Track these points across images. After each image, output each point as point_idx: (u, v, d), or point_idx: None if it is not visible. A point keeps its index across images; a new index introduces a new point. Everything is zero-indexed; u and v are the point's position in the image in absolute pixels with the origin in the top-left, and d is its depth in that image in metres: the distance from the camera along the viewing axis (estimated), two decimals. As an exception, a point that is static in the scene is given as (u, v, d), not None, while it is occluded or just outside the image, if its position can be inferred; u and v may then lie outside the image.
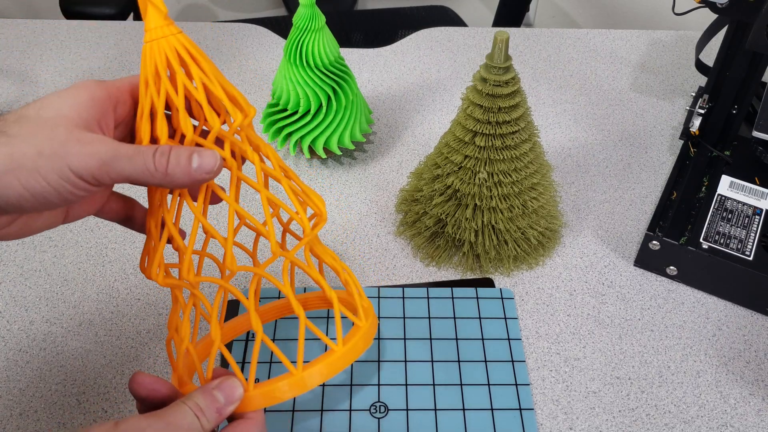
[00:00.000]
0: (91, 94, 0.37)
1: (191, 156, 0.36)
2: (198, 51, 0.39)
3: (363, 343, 0.43)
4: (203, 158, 0.37)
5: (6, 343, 0.58)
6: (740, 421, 0.54)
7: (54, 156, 0.34)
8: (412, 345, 0.58)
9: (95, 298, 0.62)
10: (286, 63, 0.69)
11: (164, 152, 0.36)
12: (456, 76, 0.90)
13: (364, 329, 0.44)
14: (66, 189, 0.35)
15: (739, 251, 0.61)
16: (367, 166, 0.76)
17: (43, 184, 0.34)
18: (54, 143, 0.34)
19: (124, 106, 0.40)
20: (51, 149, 0.34)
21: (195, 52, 0.38)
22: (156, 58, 0.37)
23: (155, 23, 0.37)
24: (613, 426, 0.54)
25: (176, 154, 0.36)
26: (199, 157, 0.37)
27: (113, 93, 0.39)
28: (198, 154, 0.37)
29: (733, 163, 0.70)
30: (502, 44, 0.55)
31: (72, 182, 0.34)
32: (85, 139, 0.35)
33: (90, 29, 0.98)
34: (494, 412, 0.53)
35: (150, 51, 0.37)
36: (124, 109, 0.40)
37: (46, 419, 0.53)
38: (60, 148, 0.34)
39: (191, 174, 0.36)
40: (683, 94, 0.88)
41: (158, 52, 0.37)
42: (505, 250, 0.63)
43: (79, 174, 0.34)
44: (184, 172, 0.36)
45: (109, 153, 0.35)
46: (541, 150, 0.63)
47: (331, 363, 0.41)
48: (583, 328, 0.61)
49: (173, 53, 0.38)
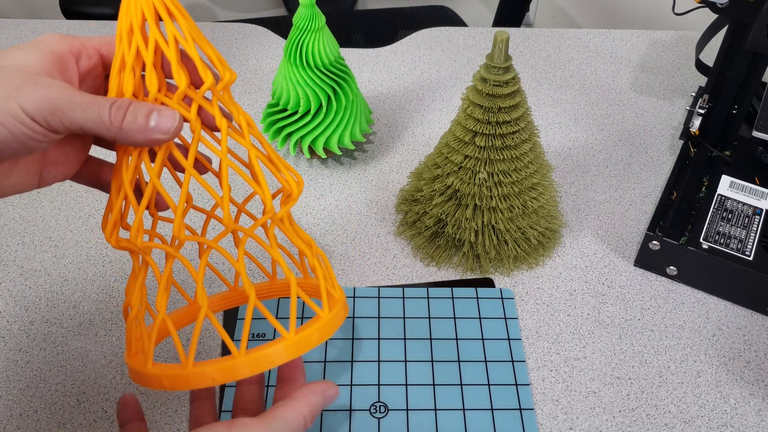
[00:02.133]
0: (52, 46, 0.37)
1: (150, 114, 0.35)
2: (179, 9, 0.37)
3: (319, 335, 0.39)
4: (162, 117, 0.35)
5: (6, 343, 0.58)
6: (740, 421, 0.54)
7: (7, 97, 0.33)
8: (412, 345, 0.58)
9: (95, 298, 0.62)
10: (286, 63, 0.69)
11: (121, 106, 0.35)
12: (456, 76, 0.90)
13: (324, 320, 0.40)
14: (21, 131, 0.33)
15: (739, 251, 0.61)
16: (367, 166, 0.76)
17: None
18: (9, 86, 0.33)
19: (88, 60, 0.39)
20: (5, 91, 0.33)
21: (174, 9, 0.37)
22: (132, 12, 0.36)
23: None
24: (613, 426, 0.54)
25: (134, 110, 0.35)
26: (158, 116, 0.35)
27: (76, 46, 0.38)
28: (158, 112, 0.35)
29: (733, 163, 0.70)
30: (502, 44, 0.55)
31: (26, 124, 0.33)
32: (41, 82, 0.34)
33: (90, 29, 0.98)
34: (494, 412, 0.53)
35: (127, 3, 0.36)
36: (88, 63, 0.38)
37: (46, 419, 0.53)
38: (14, 91, 0.33)
39: (147, 132, 0.35)
40: (683, 94, 0.88)
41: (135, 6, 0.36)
42: (505, 250, 0.63)
43: (32, 115, 0.33)
44: (140, 129, 0.35)
45: (63, 98, 0.34)
46: (541, 150, 0.63)
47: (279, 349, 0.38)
48: (583, 328, 0.61)
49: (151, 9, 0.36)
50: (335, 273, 0.64)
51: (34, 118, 0.33)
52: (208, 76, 0.37)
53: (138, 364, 0.39)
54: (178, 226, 0.37)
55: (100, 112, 0.34)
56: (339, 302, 0.42)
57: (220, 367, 0.37)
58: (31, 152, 0.35)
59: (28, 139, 0.34)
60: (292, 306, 0.39)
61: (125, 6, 0.36)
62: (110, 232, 0.38)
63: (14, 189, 0.38)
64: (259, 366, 0.37)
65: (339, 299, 0.42)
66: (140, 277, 0.39)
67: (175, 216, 0.37)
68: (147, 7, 0.36)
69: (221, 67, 0.38)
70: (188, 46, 0.37)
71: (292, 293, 0.39)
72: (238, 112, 0.40)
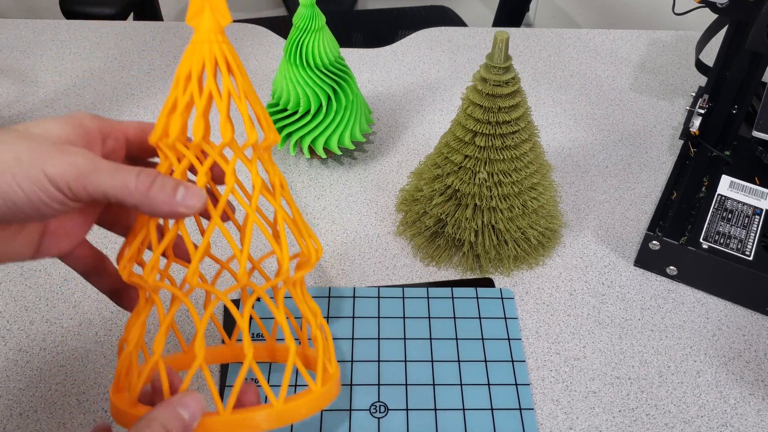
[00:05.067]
0: (83, 121, 0.37)
1: (177, 188, 0.35)
2: (238, 64, 0.38)
3: (307, 408, 0.38)
4: (189, 193, 0.35)
5: (6, 343, 0.58)
6: (740, 421, 0.54)
7: (32, 162, 0.33)
8: (412, 345, 0.58)
9: (95, 297, 0.62)
10: (286, 63, 0.69)
11: (149, 174, 0.35)
12: (456, 76, 0.90)
13: (316, 394, 0.39)
14: (39, 197, 0.33)
15: (739, 251, 0.61)
16: (367, 166, 0.76)
17: (15, 189, 0.33)
18: (35, 153, 0.33)
19: (115, 142, 0.39)
20: (30, 157, 0.33)
21: (233, 64, 0.38)
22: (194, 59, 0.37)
23: (208, 27, 0.37)
24: (613, 426, 0.54)
25: (161, 181, 0.35)
26: (185, 191, 0.35)
27: (105, 127, 0.38)
28: (185, 187, 0.35)
29: (733, 163, 0.70)
30: (502, 44, 0.55)
31: (46, 190, 0.33)
32: (67, 150, 0.34)
33: (90, 29, 0.98)
34: (494, 412, 0.53)
35: (191, 51, 0.37)
36: (114, 145, 0.39)
37: (46, 419, 0.53)
38: (40, 157, 0.33)
39: (172, 205, 0.35)
40: (683, 94, 0.88)
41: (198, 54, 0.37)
42: (505, 250, 0.63)
43: (55, 182, 0.33)
44: (166, 200, 0.35)
45: (90, 164, 0.34)
46: (541, 150, 0.63)
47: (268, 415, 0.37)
48: (583, 327, 0.61)
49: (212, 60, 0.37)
50: (336, 273, 0.65)
51: (57, 185, 0.33)
52: (253, 134, 0.38)
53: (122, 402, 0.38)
54: (193, 272, 0.37)
55: (127, 179, 0.34)
56: (333, 378, 0.41)
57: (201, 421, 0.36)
58: (43, 219, 0.35)
59: (44, 205, 0.34)
60: (287, 374, 0.38)
61: (189, 52, 0.37)
62: (124, 266, 0.38)
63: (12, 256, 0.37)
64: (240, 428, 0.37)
65: (333, 375, 0.41)
66: (143, 314, 0.39)
67: (192, 262, 0.37)
68: (209, 57, 0.37)
69: (267, 126, 0.39)
70: (240, 103, 0.38)
71: (289, 361, 0.38)
72: (274, 173, 0.40)
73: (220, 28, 0.38)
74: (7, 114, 0.82)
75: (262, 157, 0.40)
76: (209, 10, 0.37)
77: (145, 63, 0.91)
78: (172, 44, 0.95)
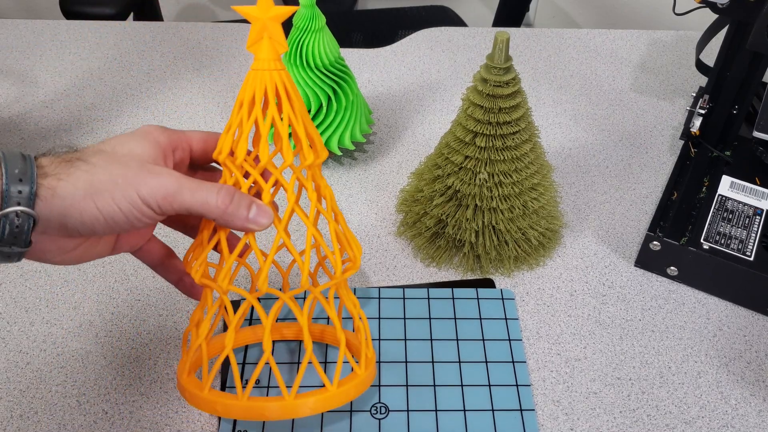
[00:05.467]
0: (156, 138, 0.43)
1: (251, 206, 0.41)
2: (295, 91, 0.43)
3: (355, 390, 0.45)
4: (260, 212, 0.42)
5: (6, 345, 0.58)
6: (741, 421, 0.54)
7: (127, 185, 0.38)
8: (413, 346, 0.58)
9: (95, 299, 0.62)
10: (286, 63, 0.69)
11: (228, 192, 0.41)
12: (456, 76, 0.90)
13: (361, 378, 0.46)
14: (134, 214, 0.39)
15: (739, 251, 0.61)
16: (367, 167, 0.76)
17: (115, 209, 0.38)
18: (128, 175, 0.39)
19: (182, 152, 0.45)
20: (125, 179, 0.39)
21: (291, 90, 0.43)
22: (256, 85, 0.42)
23: (267, 55, 0.42)
24: (614, 427, 0.53)
25: (238, 199, 0.41)
26: (257, 209, 0.41)
27: (174, 139, 0.44)
28: (257, 206, 0.42)
29: (734, 163, 0.70)
30: (502, 45, 0.55)
31: (139, 208, 0.39)
32: (154, 170, 0.40)
33: (90, 29, 0.98)
34: (495, 413, 0.53)
35: (253, 77, 0.42)
36: (181, 155, 0.45)
37: (46, 420, 0.53)
38: (133, 178, 0.39)
39: (245, 222, 0.41)
40: (683, 94, 0.88)
41: (260, 81, 0.42)
42: (505, 251, 0.63)
43: (147, 201, 0.39)
44: (241, 217, 0.41)
45: (175, 184, 0.39)
46: (542, 150, 0.63)
47: (322, 399, 0.44)
48: (583, 328, 0.61)
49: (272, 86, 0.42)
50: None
51: (149, 204, 0.39)
52: (310, 155, 0.44)
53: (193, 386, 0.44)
54: (263, 279, 0.42)
55: (208, 197, 0.40)
56: (372, 362, 0.48)
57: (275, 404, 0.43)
58: (134, 230, 0.41)
59: (137, 220, 0.40)
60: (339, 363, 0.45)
61: (251, 78, 0.42)
62: (196, 269, 0.43)
63: (95, 256, 0.43)
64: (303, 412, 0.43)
65: (371, 359, 0.49)
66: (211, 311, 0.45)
67: (261, 270, 0.42)
68: (270, 84, 0.42)
69: (319, 145, 0.45)
70: (298, 126, 0.43)
71: (341, 353, 0.45)
72: (325, 187, 0.46)
73: (278, 56, 0.42)
74: (7, 114, 0.82)
75: (315, 173, 0.46)
76: (267, 39, 0.42)
77: (144, 63, 0.91)
78: (172, 45, 0.95)
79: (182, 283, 0.49)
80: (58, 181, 0.38)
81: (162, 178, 0.39)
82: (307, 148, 0.44)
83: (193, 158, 0.46)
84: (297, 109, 0.43)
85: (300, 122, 0.43)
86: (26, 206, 0.37)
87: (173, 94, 0.86)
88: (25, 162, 0.37)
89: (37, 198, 0.37)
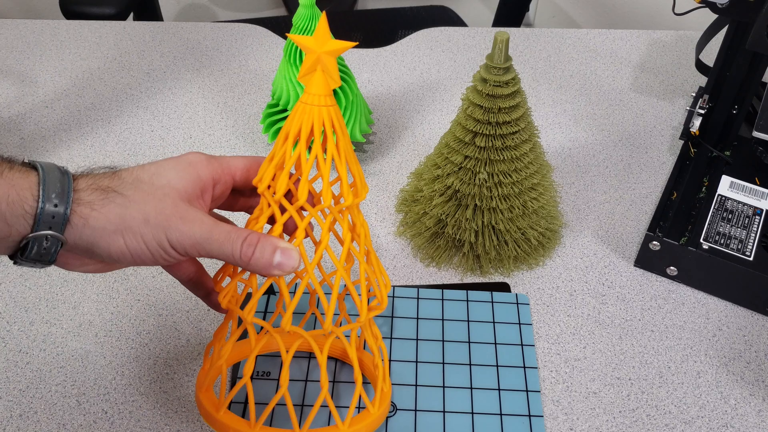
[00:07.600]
0: (199, 172, 0.43)
1: (275, 251, 0.40)
2: (342, 127, 0.42)
3: (367, 430, 0.45)
4: (285, 256, 0.40)
5: (6, 344, 0.58)
6: (741, 421, 0.54)
7: (158, 227, 0.39)
8: (424, 346, 0.58)
9: (95, 298, 0.62)
10: (286, 63, 0.69)
11: (251, 243, 0.40)
12: (456, 76, 0.90)
13: (374, 417, 0.45)
14: (160, 255, 0.40)
15: (739, 251, 0.61)
16: (367, 167, 0.76)
17: (143, 247, 0.39)
18: (160, 215, 0.39)
19: (223, 186, 0.45)
20: (156, 220, 0.39)
21: (339, 128, 0.42)
22: (304, 119, 0.41)
23: (318, 90, 0.41)
24: (614, 427, 0.53)
25: (261, 248, 0.40)
26: (281, 254, 0.40)
27: (217, 173, 0.44)
28: (282, 251, 0.40)
29: (734, 163, 0.70)
30: (502, 44, 0.55)
31: (166, 251, 0.40)
32: (187, 216, 0.40)
33: (90, 29, 0.98)
34: (503, 418, 0.53)
35: (302, 111, 0.42)
36: (222, 189, 0.45)
37: (46, 420, 0.53)
38: (164, 221, 0.39)
39: (269, 268, 0.40)
40: (683, 94, 0.88)
41: (308, 116, 0.41)
42: (505, 251, 0.63)
43: (174, 246, 0.40)
44: (265, 264, 0.40)
45: (204, 235, 0.40)
46: (541, 150, 0.63)
47: None
48: (583, 328, 0.61)
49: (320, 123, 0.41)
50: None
51: (175, 248, 0.40)
52: (349, 197, 0.43)
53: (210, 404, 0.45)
54: (287, 319, 0.42)
55: (233, 249, 0.40)
56: (387, 398, 0.48)
57: None
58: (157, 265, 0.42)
59: (162, 260, 0.41)
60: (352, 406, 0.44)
61: (299, 111, 0.42)
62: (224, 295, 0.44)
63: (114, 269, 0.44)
64: None
65: (387, 395, 0.48)
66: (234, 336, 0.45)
67: (287, 310, 0.42)
68: (317, 120, 0.41)
69: (360, 185, 0.44)
70: (341, 166, 0.43)
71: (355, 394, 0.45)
72: (361, 225, 0.46)
73: (329, 91, 0.41)
74: (7, 114, 0.82)
75: (353, 212, 0.45)
76: (321, 72, 0.41)
77: (144, 63, 0.91)
78: (172, 44, 0.95)
79: (209, 299, 0.49)
80: (92, 210, 0.38)
81: (193, 227, 0.40)
82: (347, 190, 0.43)
83: (235, 186, 0.46)
84: (342, 147, 0.42)
85: (343, 162, 0.43)
86: (57, 231, 0.37)
87: (173, 94, 0.86)
88: (63, 181, 0.38)
89: (68, 224, 0.38)
